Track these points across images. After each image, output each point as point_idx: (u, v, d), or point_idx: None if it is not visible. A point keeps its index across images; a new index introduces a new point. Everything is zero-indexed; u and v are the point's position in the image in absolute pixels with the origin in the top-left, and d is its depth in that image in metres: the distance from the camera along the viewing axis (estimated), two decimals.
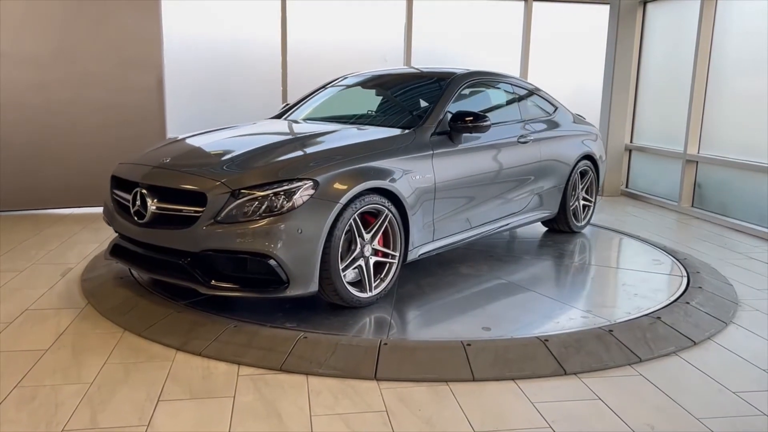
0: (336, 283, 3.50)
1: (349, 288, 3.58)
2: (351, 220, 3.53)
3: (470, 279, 4.34)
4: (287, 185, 3.38)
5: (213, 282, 3.42)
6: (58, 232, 5.66)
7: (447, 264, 4.58)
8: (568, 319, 3.60)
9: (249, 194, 3.36)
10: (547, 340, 3.25)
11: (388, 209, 3.74)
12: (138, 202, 3.61)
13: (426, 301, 3.90)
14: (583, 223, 5.86)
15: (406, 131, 4.17)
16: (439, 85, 4.68)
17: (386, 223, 3.76)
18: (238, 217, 3.34)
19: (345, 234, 3.51)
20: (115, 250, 3.95)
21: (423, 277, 4.30)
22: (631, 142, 8.57)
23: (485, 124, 4.27)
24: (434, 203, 4.08)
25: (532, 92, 5.49)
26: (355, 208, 3.54)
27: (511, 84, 5.31)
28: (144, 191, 3.58)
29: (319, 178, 3.44)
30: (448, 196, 4.19)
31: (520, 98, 5.32)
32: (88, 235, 5.53)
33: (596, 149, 5.89)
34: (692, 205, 7.34)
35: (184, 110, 7.33)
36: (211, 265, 3.44)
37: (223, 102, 7.54)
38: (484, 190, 4.57)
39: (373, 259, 3.74)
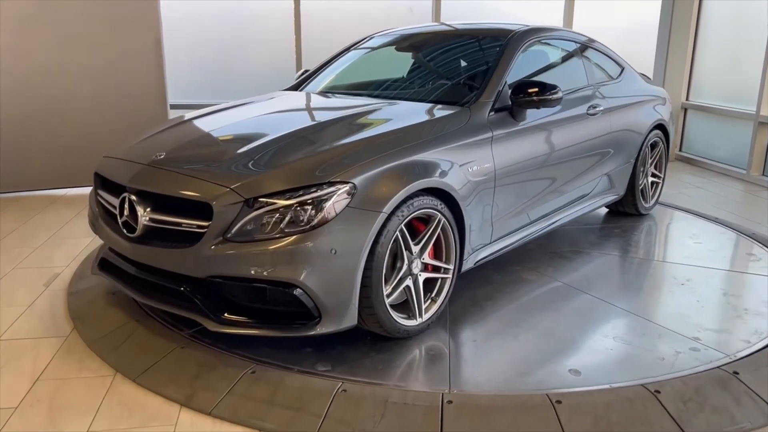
0: (379, 313, 2.75)
1: (395, 316, 2.83)
2: (397, 231, 2.75)
3: (535, 287, 3.58)
4: (316, 191, 2.59)
5: (225, 315, 2.67)
6: (48, 221, 4.93)
7: (503, 266, 3.81)
8: (674, 352, 2.84)
9: (268, 204, 2.59)
10: (658, 392, 2.49)
11: (441, 213, 2.96)
12: (126, 212, 2.84)
13: (487, 322, 3.15)
14: (651, 203, 5.05)
15: (458, 109, 3.34)
16: (494, 47, 3.81)
17: (438, 229, 2.98)
18: (254, 233, 2.57)
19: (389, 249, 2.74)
20: (105, 264, 3.21)
21: (477, 287, 3.54)
22: (687, 99, 7.64)
23: (555, 96, 3.43)
24: (493, 198, 3.29)
25: (597, 51, 4.60)
26: (402, 215, 2.76)
27: (575, 42, 4.42)
28: (133, 198, 2.81)
29: (356, 180, 2.65)
30: (509, 188, 3.40)
31: (585, 59, 4.43)
32: (80, 226, 4.79)
33: (667, 116, 5.02)
34: (763, 173, 6.48)
35: (185, 76, 6.52)
36: (220, 294, 2.70)
37: (228, 68, 6.71)
38: (551, 177, 3.76)
39: (423, 276, 2.98)
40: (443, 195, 2.97)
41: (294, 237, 2.54)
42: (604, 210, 5.02)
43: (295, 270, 2.53)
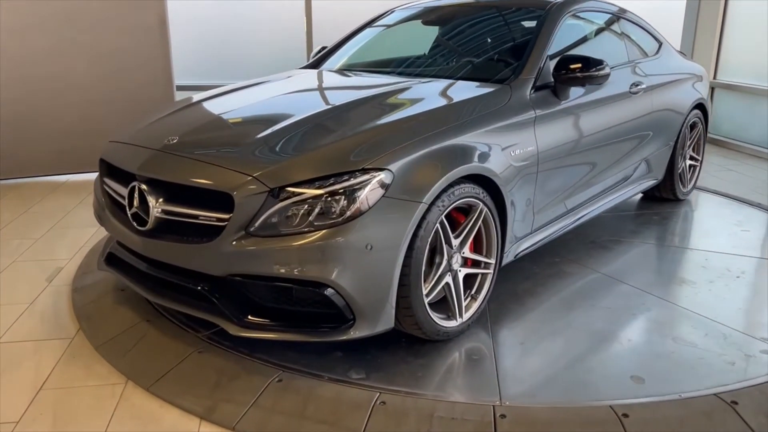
0: (418, 314, 2.48)
1: (434, 317, 2.56)
2: (437, 223, 2.47)
3: (577, 280, 3.30)
4: (349, 179, 2.30)
5: (248, 318, 2.40)
6: (50, 210, 4.65)
7: (541, 258, 3.53)
8: (743, 355, 2.57)
9: (295, 194, 2.30)
10: (735, 403, 2.23)
11: (483, 202, 2.67)
12: (136, 203, 2.56)
13: (531, 321, 2.88)
14: (689, 188, 4.75)
15: (498, 86, 3.04)
16: (531, 18, 3.50)
17: (480, 220, 2.70)
18: (280, 227, 2.29)
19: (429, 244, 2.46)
20: (113, 259, 2.93)
21: (517, 282, 3.26)
22: (715, 78, 7.31)
23: (602, 72, 3.13)
24: (536, 184, 3.00)
25: (635, 24, 4.27)
26: (443, 206, 2.48)
27: (612, 14, 4.10)
28: (144, 187, 2.52)
29: (393, 167, 2.36)
30: (551, 173, 3.11)
31: (624, 33, 4.12)
32: (84, 214, 4.51)
33: (706, 95, 4.71)
34: None
35: (192, 57, 6.22)
36: (242, 294, 2.42)
37: (236, 47, 6.40)
38: (593, 161, 3.47)
39: (463, 272, 2.70)
40: (485, 182, 2.68)
41: (324, 231, 2.26)
42: (638, 195, 4.72)
43: (327, 268, 2.25)
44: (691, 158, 4.72)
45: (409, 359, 2.55)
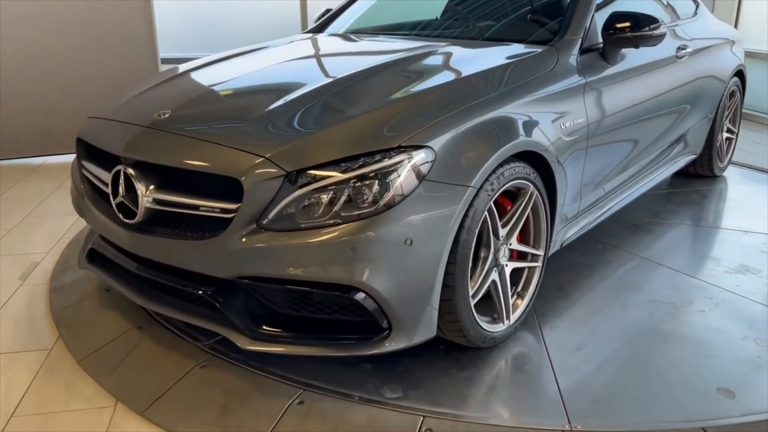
0: (464, 319, 2.09)
1: (480, 321, 2.17)
2: (485, 211, 2.06)
3: (624, 269, 2.93)
4: (383, 160, 1.89)
5: (261, 329, 1.99)
6: (24, 197, 4.19)
7: (581, 245, 3.14)
8: None
9: (318, 179, 1.88)
10: None
11: (534, 184, 2.27)
12: (122, 190, 2.12)
13: (583, 318, 2.51)
14: (725, 162, 4.38)
15: (543, 48, 2.62)
16: None
17: (530, 205, 2.30)
18: (299, 219, 1.88)
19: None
20: (95, 256, 2.51)
21: (559, 273, 2.87)
22: None
23: (658, 32, 2.72)
24: (585, 161, 2.60)
25: None
26: (492, 190, 2.07)
27: None
28: (130, 171, 2.09)
29: (433, 144, 1.95)
30: (601, 148, 2.72)
31: None
32: (63, 201, 4.06)
33: (743, 60, 4.31)
34: None
35: (177, 28, 5.73)
36: (253, 300, 2.01)
37: (224, 19, 5.92)
38: (641, 132, 3.08)
39: (510, 267, 2.30)
40: (534, 160, 2.28)
41: (354, 224, 1.85)
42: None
43: (357, 268, 1.84)
44: (728, 131, 4.34)
45: (451, 371, 2.16)
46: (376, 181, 1.86)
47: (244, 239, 1.90)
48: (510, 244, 2.28)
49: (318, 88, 2.27)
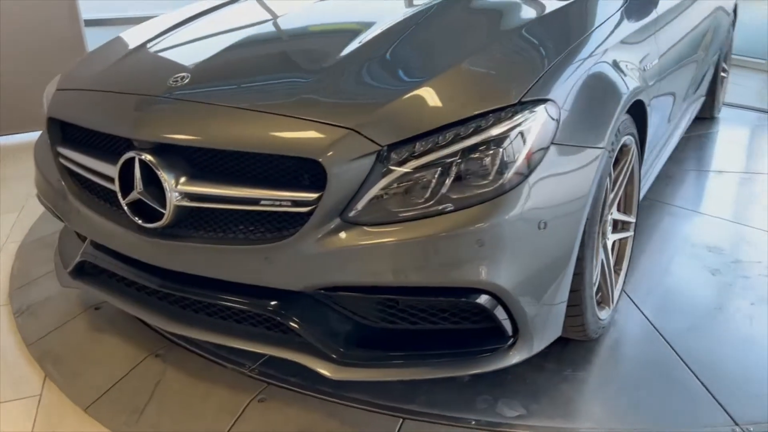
0: (587, 310, 1.72)
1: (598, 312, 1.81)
2: (607, 177, 1.68)
3: (679, 224, 2.64)
4: (502, 122, 1.45)
5: (353, 351, 1.54)
6: None
7: None
8: None
9: (419, 152, 1.42)
10: None
11: (635, 140, 1.91)
12: (138, 185, 1.57)
13: (672, 288, 2.20)
14: (722, 103, 4.19)
15: None
16: None
17: (631, 165, 1.94)
18: (396, 207, 1.42)
19: None
20: (84, 269, 1.94)
21: None
22: None
23: None
24: (660, 107, 2.27)
25: None
26: (612, 151, 1.69)
27: None
28: (149, 159, 1.54)
29: (555, 96, 1.53)
30: (663, 94, 2.37)
31: None
32: (13, 183, 3.36)
33: None
34: None
35: None
36: (335, 315, 1.55)
37: None
38: (687, 73, 2.77)
39: (611, 241, 1.94)
40: (635, 114, 1.91)
41: (475, 208, 1.41)
42: None
43: (487, 266, 1.42)
44: (722, 69, 4.14)
45: (565, 373, 1.79)
46: (499, 150, 1.43)
47: (327, 239, 1.43)
48: (612, 214, 1.92)
49: (394, 27, 1.78)
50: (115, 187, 1.62)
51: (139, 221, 1.60)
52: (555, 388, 1.73)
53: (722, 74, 4.09)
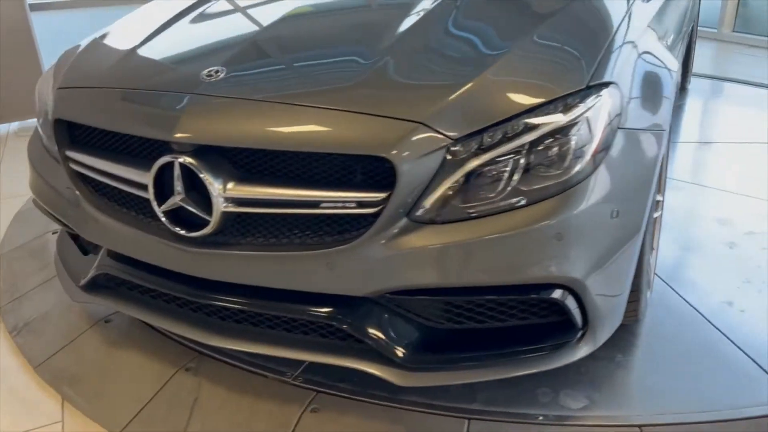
0: (642, 297, 1.70)
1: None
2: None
3: (682, 198, 2.66)
4: (572, 108, 1.38)
5: (420, 355, 1.47)
6: None
7: None
8: None
9: (488, 144, 1.34)
10: None
11: None
12: (179, 191, 1.43)
13: (697, 265, 2.21)
14: (691, 74, 4.26)
15: None
16: None
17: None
18: (465, 203, 1.35)
19: None
20: (100, 282, 1.79)
21: None
22: None
23: None
24: None
25: None
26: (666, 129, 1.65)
27: None
28: (191, 162, 1.40)
29: (617, 79, 1.47)
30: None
31: None
32: None
33: None
34: (734, 30, 5.95)
35: None
36: (399, 319, 1.47)
37: None
38: (682, 46, 2.77)
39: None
40: None
41: (551, 201, 1.35)
42: None
43: (566, 260, 1.37)
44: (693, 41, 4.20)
45: (617, 358, 1.78)
46: (571, 137, 1.36)
47: (395, 241, 1.35)
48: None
49: (439, 7, 1.67)
50: (149, 194, 1.47)
51: (181, 231, 1.46)
52: (612, 376, 1.71)
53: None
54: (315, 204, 1.37)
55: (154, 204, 1.47)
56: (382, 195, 1.33)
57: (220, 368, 1.80)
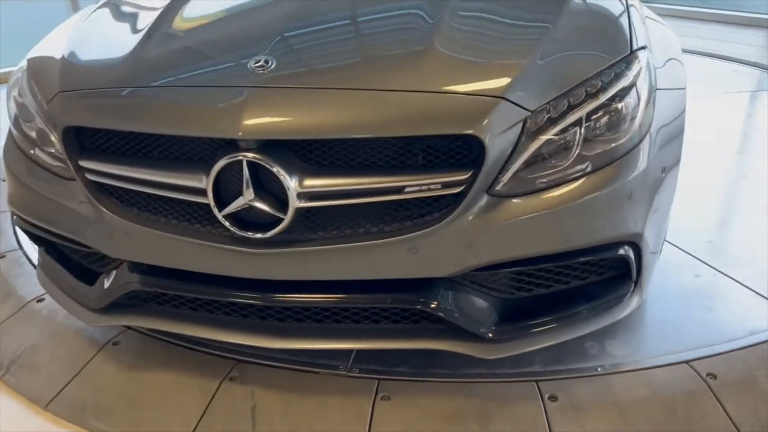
0: (659, 252, 1.83)
1: None
2: None
3: None
4: (624, 74, 1.47)
5: (501, 327, 1.50)
6: None
7: None
8: None
9: (559, 112, 1.39)
10: None
11: None
12: (249, 192, 1.34)
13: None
14: None
15: None
16: None
17: None
18: (535, 174, 1.39)
19: None
20: (119, 302, 1.64)
21: None
22: None
23: None
24: None
25: None
26: None
27: None
28: (260, 158, 1.32)
29: (647, 43, 1.58)
30: None
31: None
32: None
33: None
34: None
35: None
36: (476, 294, 1.49)
37: None
38: None
39: None
40: None
41: (616, 163, 1.43)
42: None
43: (635, 217, 1.46)
44: None
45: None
46: (628, 101, 1.44)
47: (479, 218, 1.36)
48: None
49: None
50: (207, 199, 1.37)
51: (247, 233, 1.37)
52: (641, 321, 1.83)
53: None
54: (398, 190, 1.35)
55: (214, 209, 1.37)
56: (466, 174, 1.33)
57: (268, 372, 1.72)
